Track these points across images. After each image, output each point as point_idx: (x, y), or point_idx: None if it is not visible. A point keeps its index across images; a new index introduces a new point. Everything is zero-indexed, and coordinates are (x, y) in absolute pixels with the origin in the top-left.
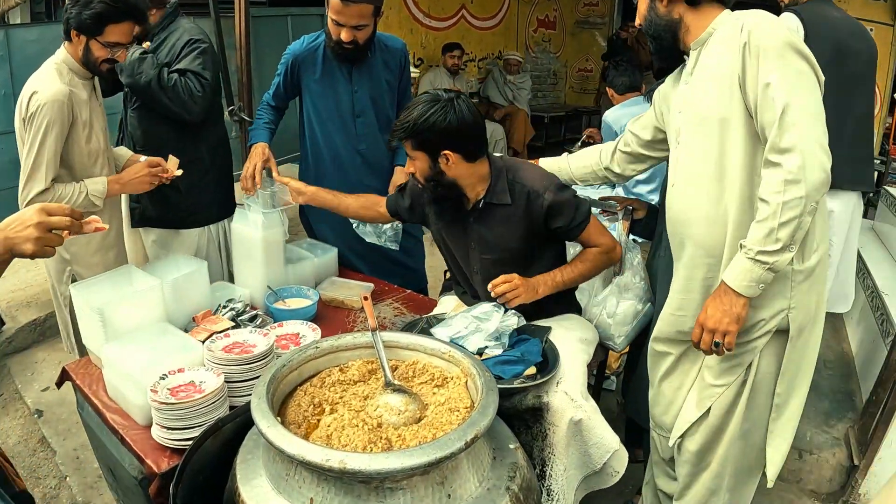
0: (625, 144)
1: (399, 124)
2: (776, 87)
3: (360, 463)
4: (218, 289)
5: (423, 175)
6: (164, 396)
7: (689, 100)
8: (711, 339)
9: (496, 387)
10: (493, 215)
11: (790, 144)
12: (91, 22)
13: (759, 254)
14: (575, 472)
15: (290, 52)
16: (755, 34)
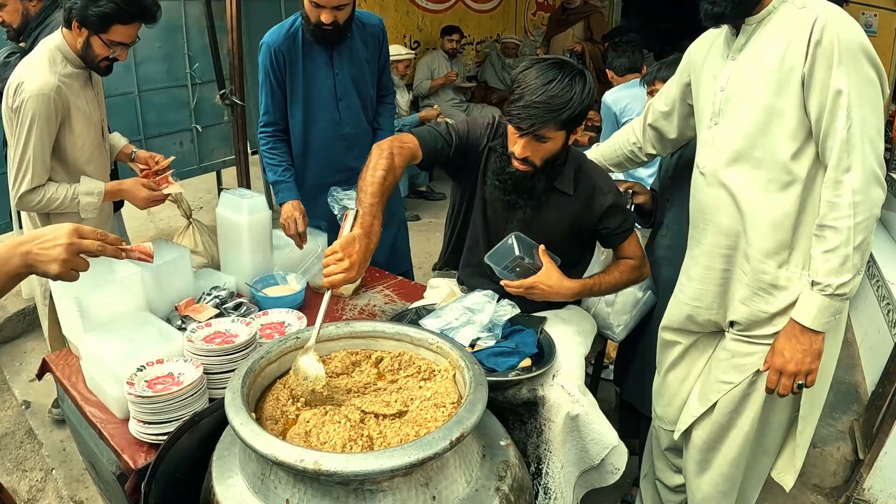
0: (653, 120)
1: (554, 105)
2: (847, 97)
3: (337, 464)
4: (203, 276)
5: (550, 154)
6: (140, 389)
7: (736, 79)
8: (793, 383)
9: (486, 381)
10: (550, 201)
11: (854, 163)
12: (96, 20)
13: (838, 288)
14: (572, 469)
15: (266, 45)
16: (829, 32)
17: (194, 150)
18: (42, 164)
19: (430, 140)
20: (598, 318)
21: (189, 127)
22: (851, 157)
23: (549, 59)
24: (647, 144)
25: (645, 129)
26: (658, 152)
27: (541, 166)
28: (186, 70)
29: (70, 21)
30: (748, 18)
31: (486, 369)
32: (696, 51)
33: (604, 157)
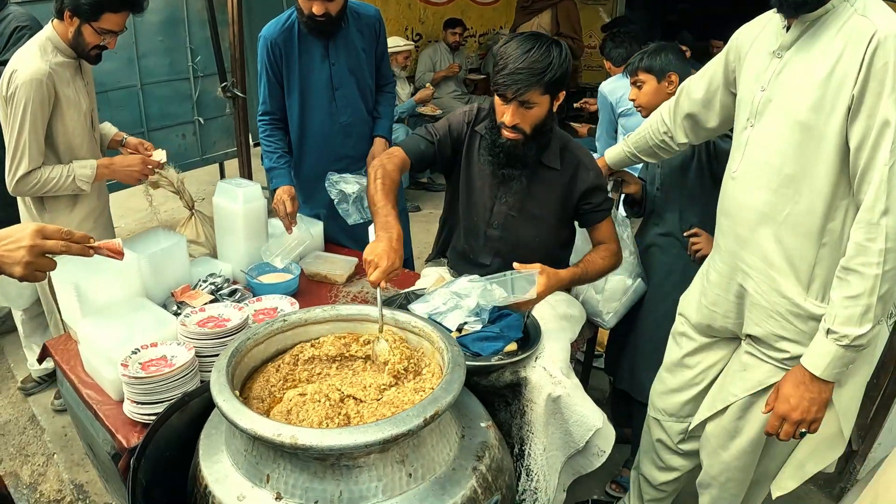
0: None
1: (536, 69)
2: (894, 130)
3: (312, 438)
4: (200, 263)
5: (537, 121)
6: (134, 370)
7: (780, 81)
8: (794, 430)
9: (464, 363)
10: (538, 176)
11: (893, 205)
12: (88, 8)
13: (855, 339)
14: (557, 454)
15: (263, 38)
16: (886, 51)
17: (197, 142)
18: (37, 148)
19: (413, 145)
20: (587, 306)
21: (191, 119)
22: (891, 199)
23: (525, 32)
24: (678, 133)
25: (675, 116)
26: (692, 141)
27: (530, 133)
28: (188, 63)
29: (62, 11)
30: (804, 15)
31: (472, 353)
32: (744, 36)
33: (636, 147)
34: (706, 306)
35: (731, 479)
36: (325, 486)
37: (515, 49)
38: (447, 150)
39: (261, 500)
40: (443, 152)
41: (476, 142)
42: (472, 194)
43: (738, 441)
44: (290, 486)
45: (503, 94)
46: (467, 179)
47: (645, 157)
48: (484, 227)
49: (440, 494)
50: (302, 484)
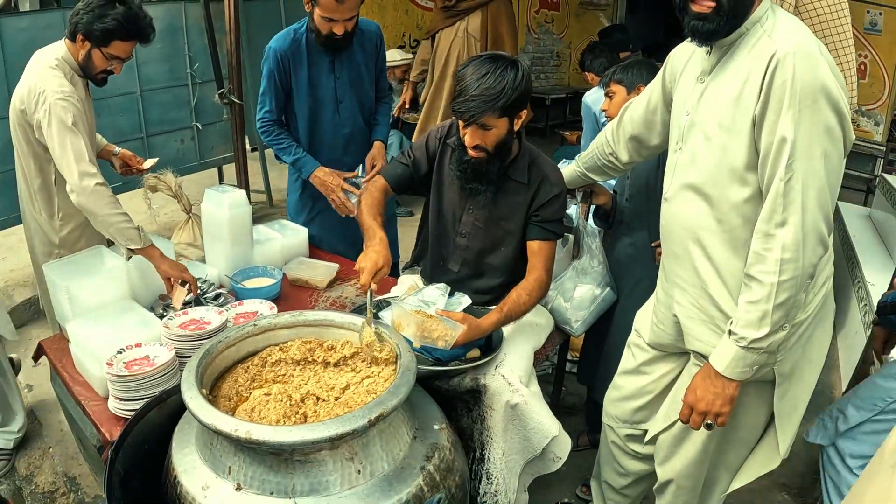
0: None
1: (489, 95)
2: (791, 146)
3: (265, 434)
4: (189, 267)
5: (498, 140)
6: (118, 369)
7: (701, 106)
8: (702, 421)
9: (414, 369)
10: (505, 189)
11: (789, 217)
12: (100, 34)
13: (752, 342)
14: (517, 458)
15: (273, 50)
16: (784, 70)
17: (195, 147)
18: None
19: (391, 171)
20: (556, 314)
21: (190, 125)
22: (787, 212)
23: (485, 55)
24: (622, 153)
25: (619, 137)
26: (635, 160)
27: (493, 151)
28: (187, 70)
29: (74, 34)
30: (719, 41)
31: (433, 358)
32: (677, 58)
33: (585, 166)
34: (656, 324)
35: (681, 487)
36: (280, 478)
37: (472, 74)
38: (422, 167)
39: (222, 490)
40: (418, 170)
41: (447, 154)
42: (442, 203)
43: (686, 447)
44: (248, 477)
45: (461, 118)
46: (438, 190)
47: (594, 175)
48: (453, 236)
49: (387, 491)
50: (259, 476)
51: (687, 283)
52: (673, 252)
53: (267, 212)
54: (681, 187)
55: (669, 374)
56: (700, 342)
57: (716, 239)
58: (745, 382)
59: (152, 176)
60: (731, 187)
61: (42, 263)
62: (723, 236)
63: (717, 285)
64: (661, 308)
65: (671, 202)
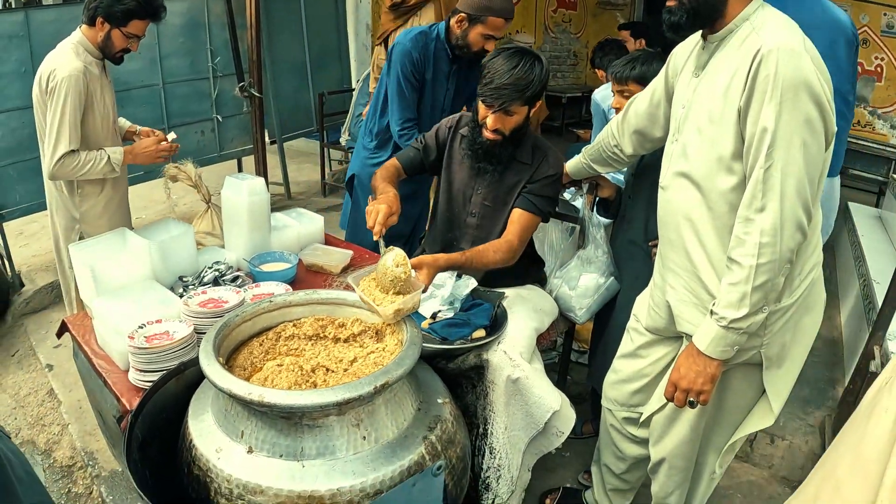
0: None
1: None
2: (772, 136)
3: (277, 398)
4: (207, 252)
5: (516, 125)
6: (139, 342)
7: (695, 100)
8: (685, 398)
9: (419, 343)
10: (511, 169)
11: (767, 203)
12: (120, 15)
13: (732, 322)
14: (520, 434)
15: (406, 47)
16: (768, 65)
17: (215, 138)
18: (76, 131)
19: (404, 154)
20: (560, 301)
21: (210, 117)
22: (766, 198)
23: (512, 47)
24: (626, 146)
25: (624, 130)
26: (639, 153)
27: (509, 136)
28: (208, 63)
29: (94, 18)
30: (710, 35)
31: (440, 338)
32: (679, 54)
33: (591, 158)
34: (652, 308)
35: (673, 467)
36: (290, 441)
37: (502, 65)
38: (432, 153)
39: (235, 453)
40: (428, 155)
41: (458, 141)
42: (452, 186)
43: (678, 427)
44: (260, 440)
45: (489, 105)
46: (448, 173)
47: (598, 167)
48: (464, 217)
49: (390, 457)
50: (270, 439)
51: (680, 267)
52: (668, 238)
53: (285, 203)
54: (674, 175)
55: (665, 357)
56: (690, 324)
57: (707, 225)
58: (734, 365)
59: (172, 166)
60: (719, 176)
61: (63, 239)
62: (713, 223)
63: (707, 270)
64: (657, 292)
65: (667, 190)
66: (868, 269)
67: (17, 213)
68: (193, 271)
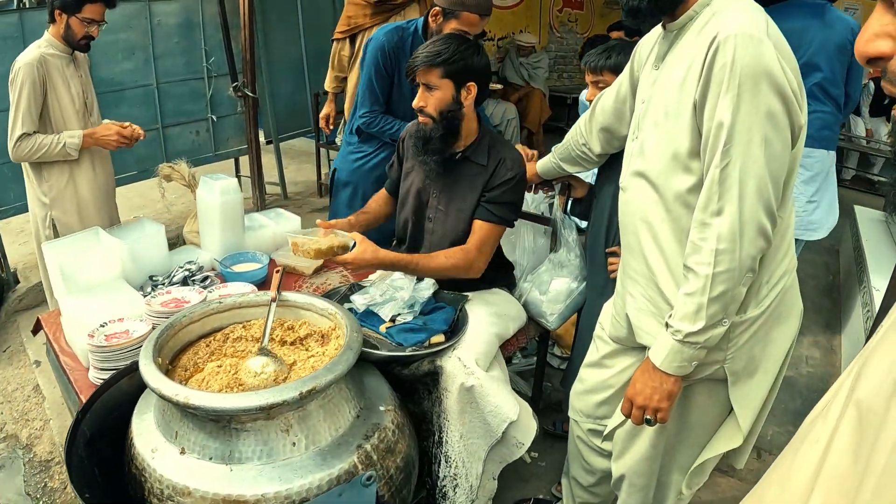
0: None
1: (432, 52)
2: (728, 131)
3: (201, 400)
4: (181, 252)
5: (442, 106)
6: (98, 341)
7: (654, 94)
8: (642, 416)
9: (357, 349)
10: (466, 170)
11: (725, 206)
12: (72, 2)
13: (687, 336)
14: (479, 442)
15: (380, 41)
16: (724, 53)
17: (210, 138)
18: (30, 117)
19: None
20: (531, 306)
21: (205, 117)
22: (723, 200)
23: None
24: (594, 144)
25: (591, 128)
26: (607, 152)
27: (437, 118)
28: (203, 64)
29: (52, 13)
30: (669, 24)
31: (395, 343)
32: (643, 47)
33: (560, 158)
34: (615, 317)
35: (633, 484)
36: (218, 444)
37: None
38: (397, 169)
39: (169, 453)
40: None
41: (410, 145)
42: (409, 192)
43: (637, 444)
44: (191, 442)
45: (409, 79)
46: (406, 179)
47: (568, 166)
48: (423, 222)
49: (320, 464)
50: (200, 441)
51: (639, 273)
52: (627, 243)
53: (282, 203)
54: (632, 175)
55: (630, 367)
56: (649, 335)
57: (666, 228)
58: (696, 381)
59: (167, 165)
60: (676, 175)
61: (41, 228)
62: (671, 226)
63: (665, 277)
64: (619, 300)
65: (626, 191)
66: (868, 275)
67: (11, 212)
68: (165, 271)
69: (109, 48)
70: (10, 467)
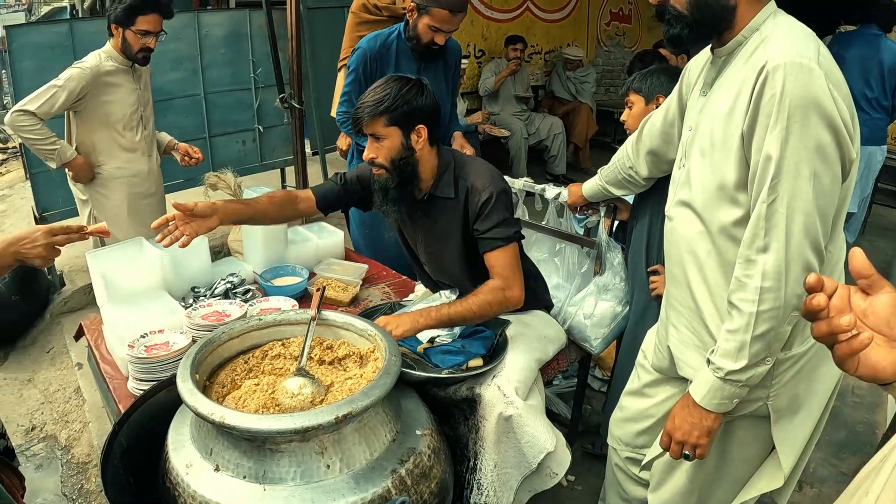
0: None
1: (373, 100)
2: (776, 165)
3: (237, 420)
4: (224, 263)
5: (393, 154)
6: (138, 352)
7: (701, 122)
8: (680, 450)
9: (395, 373)
10: (438, 208)
11: (771, 243)
12: (123, 14)
13: (729, 374)
14: (512, 472)
15: (362, 49)
16: (773, 83)
17: (256, 149)
18: (49, 106)
19: (320, 187)
20: (575, 330)
21: (252, 127)
22: (770, 236)
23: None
24: (641, 167)
25: (639, 151)
26: (654, 175)
27: (390, 167)
28: (250, 74)
29: (110, 26)
30: (718, 49)
31: (432, 365)
32: (692, 70)
33: (607, 180)
34: (657, 347)
35: None
36: (252, 463)
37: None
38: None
39: (203, 470)
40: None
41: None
42: (403, 238)
43: (675, 477)
44: (226, 460)
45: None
46: (399, 233)
47: (614, 189)
48: (419, 266)
49: (353, 487)
50: (235, 460)
51: (683, 305)
52: (672, 273)
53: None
54: (677, 204)
55: (671, 398)
56: (691, 369)
57: (712, 260)
58: (738, 417)
59: (213, 174)
60: (722, 207)
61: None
62: (718, 259)
63: (710, 310)
64: (662, 329)
65: (672, 220)
66: None
67: (58, 216)
68: (207, 282)
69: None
70: (48, 467)
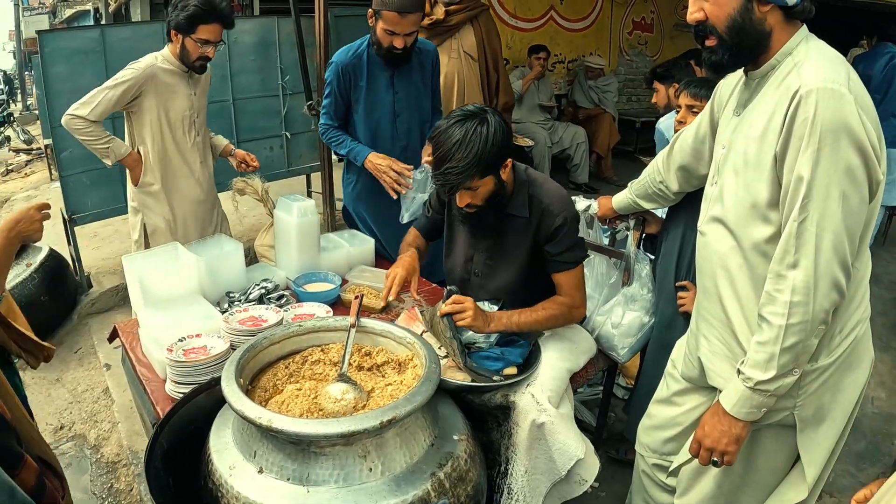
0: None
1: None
2: (807, 186)
3: (283, 424)
4: (257, 269)
5: (488, 195)
6: (176, 355)
7: (735, 141)
8: (709, 457)
9: (435, 379)
10: (509, 225)
11: (800, 260)
12: (185, 22)
13: (758, 384)
14: (541, 478)
15: (335, 63)
16: (806, 107)
17: (284, 154)
18: (103, 107)
19: (421, 222)
20: (603, 339)
21: (279, 133)
22: (799, 254)
23: (456, 116)
24: (672, 182)
25: (669, 166)
26: (685, 190)
27: (484, 205)
28: (278, 81)
29: (170, 32)
30: (752, 72)
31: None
32: (724, 89)
33: (637, 194)
34: (687, 356)
35: None
36: (296, 466)
37: (444, 142)
38: (437, 214)
39: (247, 471)
40: (438, 217)
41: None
42: (452, 245)
43: (702, 483)
44: (270, 462)
45: (445, 192)
46: (449, 233)
47: (644, 202)
48: (466, 276)
49: (395, 490)
50: (279, 462)
51: (714, 317)
52: (704, 286)
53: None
54: (710, 220)
55: (700, 406)
56: (722, 379)
57: (743, 275)
58: (765, 425)
59: (240, 180)
60: (754, 225)
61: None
62: (749, 273)
63: (740, 323)
64: (692, 340)
65: (704, 235)
66: None
67: (88, 219)
68: (241, 287)
69: None
70: (78, 466)
